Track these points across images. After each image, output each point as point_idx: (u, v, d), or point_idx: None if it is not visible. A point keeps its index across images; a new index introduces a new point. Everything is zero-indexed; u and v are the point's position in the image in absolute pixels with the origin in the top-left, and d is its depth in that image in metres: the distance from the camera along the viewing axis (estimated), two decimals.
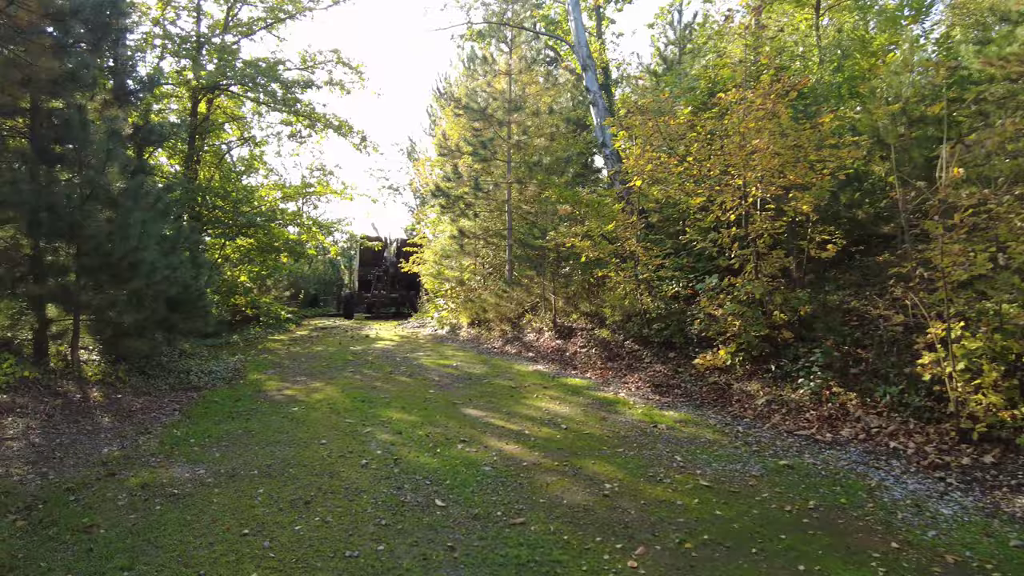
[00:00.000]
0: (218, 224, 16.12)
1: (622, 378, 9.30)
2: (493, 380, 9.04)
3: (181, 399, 7.27)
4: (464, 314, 14.84)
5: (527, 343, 12.46)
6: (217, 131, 17.03)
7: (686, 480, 5.05)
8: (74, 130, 6.75)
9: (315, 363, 10.39)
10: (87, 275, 6.94)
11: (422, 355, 11.55)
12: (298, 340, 14.18)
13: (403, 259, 20.15)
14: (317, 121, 17.54)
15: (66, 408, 5.80)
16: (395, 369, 9.76)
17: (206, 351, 10.76)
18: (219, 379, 8.63)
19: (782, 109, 8.17)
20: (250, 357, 11.08)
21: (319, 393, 7.85)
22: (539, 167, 13.60)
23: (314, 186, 18.65)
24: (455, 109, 14.48)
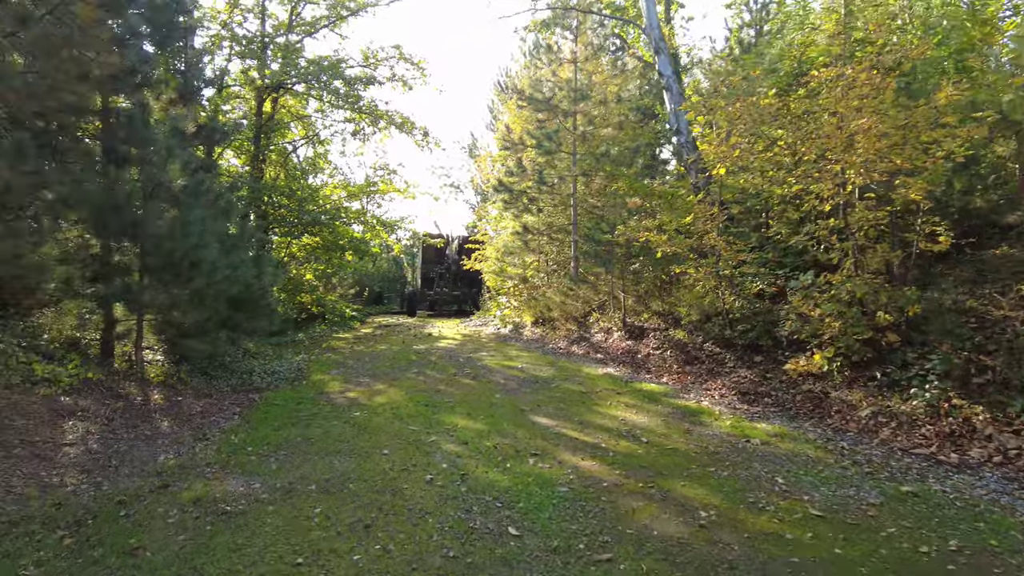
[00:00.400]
0: (283, 223, 16.27)
1: (703, 384, 8.55)
2: (561, 384, 8.48)
3: (242, 401, 7.09)
4: (527, 313, 14.34)
5: (595, 344, 11.83)
6: (282, 130, 17.20)
7: (793, 508, 4.35)
8: (137, 128, 6.65)
9: (378, 363, 10.13)
10: (150, 274, 6.85)
11: (485, 355, 11.12)
12: (362, 338, 14.07)
13: (465, 256, 19.87)
14: (380, 119, 17.45)
15: (127, 411, 5.66)
16: (459, 370, 9.35)
17: (270, 350, 10.71)
18: (282, 379, 8.47)
19: (890, 84, 7.21)
20: (314, 356, 10.97)
21: (382, 396, 7.52)
22: (606, 158, 12.91)
23: (377, 184, 18.62)
24: (518, 101, 13.99)
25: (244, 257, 8.09)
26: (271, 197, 15.80)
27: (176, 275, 7.03)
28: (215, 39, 15.80)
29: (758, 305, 9.56)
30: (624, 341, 11.47)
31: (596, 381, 8.79)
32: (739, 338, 9.24)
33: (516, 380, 8.71)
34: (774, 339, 8.85)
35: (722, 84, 8.07)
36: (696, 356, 9.80)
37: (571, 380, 8.79)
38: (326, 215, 16.24)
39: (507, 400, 7.45)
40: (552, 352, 11.67)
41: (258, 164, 16.22)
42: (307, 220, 15.92)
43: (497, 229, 19.37)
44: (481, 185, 29.68)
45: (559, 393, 7.91)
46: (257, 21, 16.35)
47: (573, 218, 13.62)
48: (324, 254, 17.97)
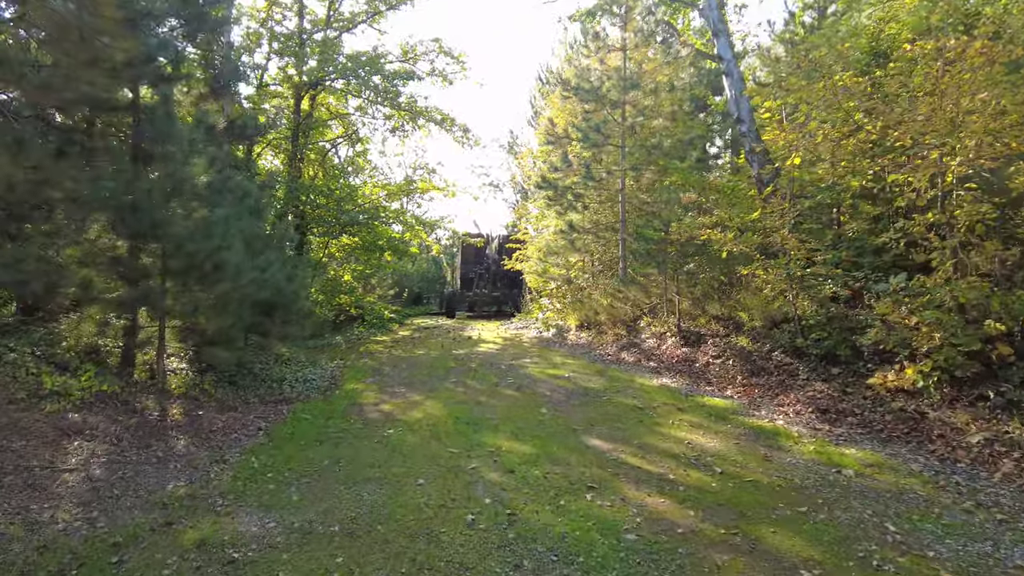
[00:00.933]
0: (322, 222, 15.92)
1: (773, 399, 7.64)
2: (614, 397, 7.69)
3: (269, 414, 6.57)
4: (572, 316, 13.56)
5: (646, 351, 10.97)
6: (320, 128, 16.88)
7: (918, 569, 3.50)
8: (158, 121, 6.19)
9: (416, 370, 9.54)
10: (172, 277, 6.39)
11: (528, 362, 10.41)
12: (400, 342, 13.55)
13: (505, 256, 19.21)
14: (419, 115, 16.95)
15: (140, 429, 5.17)
16: (501, 380, 8.67)
17: (304, 355, 10.26)
18: (314, 389, 7.95)
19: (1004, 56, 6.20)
20: (349, 362, 10.47)
21: (418, 410, 6.89)
22: (659, 150, 12.03)
23: (417, 183, 18.13)
24: (563, 92, 13.22)
25: (273, 259, 7.58)
26: (309, 197, 15.47)
27: (199, 278, 6.57)
28: (253, 36, 15.57)
29: (832, 310, 8.59)
30: (679, 348, 10.59)
31: (652, 394, 7.98)
32: (813, 347, 8.28)
33: (564, 392, 7.97)
34: (853, 349, 7.88)
35: (805, 60, 7.10)
36: (763, 366, 8.87)
37: (624, 393, 7.99)
38: (364, 215, 15.82)
39: (555, 417, 6.72)
40: (600, 359, 10.87)
41: (296, 163, 15.92)
42: (345, 220, 15.53)
43: (539, 228, 18.64)
44: (522, 183, 29.00)
45: (613, 409, 7.14)
46: (295, 18, 16.06)
47: (621, 215, 12.77)
48: (363, 254, 17.61)
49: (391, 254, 18.40)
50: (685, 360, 10.15)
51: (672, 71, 13.75)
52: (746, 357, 9.26)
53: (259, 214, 7.88)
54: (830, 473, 5.10)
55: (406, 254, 19.33)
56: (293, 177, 15.42)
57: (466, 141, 17.74)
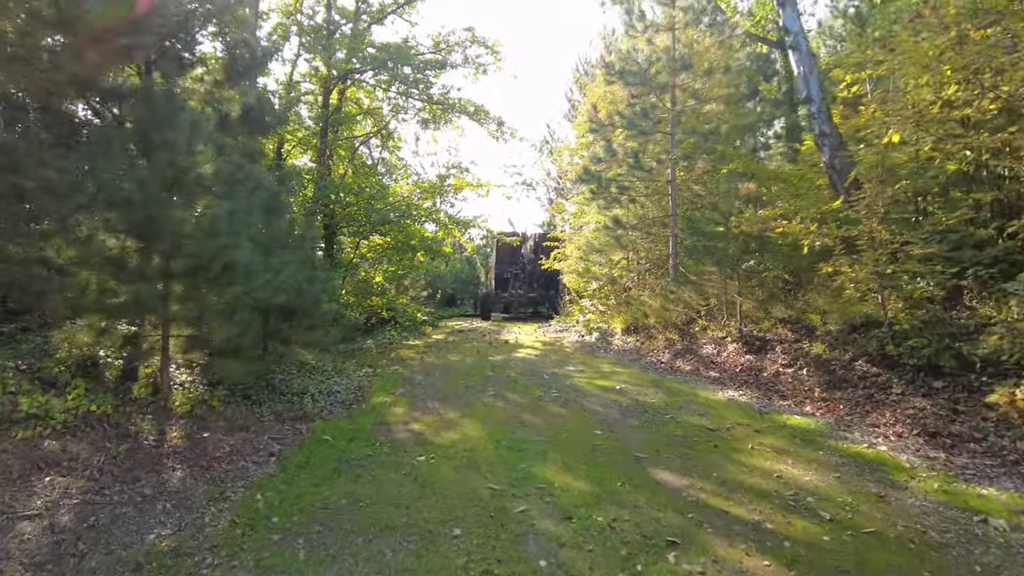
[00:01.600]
0: (352, 222, 15.24)
1: (864, 417, 6.52)
2: (678, 415, 6.68)
3: (285, 435, 5.77)
4: (618, 318, 12.53)
5: (704, 358, 9.89)
6: (350, 124, 16.21)
7: None
8: (158, 103, 5.46)
9: (450, 380, 8.68)
10: (176, 280, 5.65)
11: (573, 370, 9.44)
12: (433, 346, 12.74)
13: (542, 256, 18.26)
14: (452, 109, 16.14)
15: (129, 458, 4.41)
16: (545, 392, 7.73)
17: (331, 364, 9.50)
18: (337, 403, 7.15)
19: None
20: (379, 370, 9.67)
21: (453, 431, 6.00)
22: (716, 136, 10.91)
23: (451, 179, 17.30)
24: (606, 76, 12.20)
25: (292, 259, 6.81)
26: (338, 195, 14.80)
27: (206, 281, 5.82)
28: (281, 29, 15.00)
29: (929, 313, 7.42)
30: (742, 355, 9.48)
31: (721, 411, 6.93)
32: (907, 356, 7.13)
33: (618, 408, 6.98)
34: (958, 359, 6.72)
35: (929, 10, 5.89)
36: (844, 377, 7.73)
37: (688, 409, 6.97)
38: (396, 213, 15.07)
39: (612, 440, 5.75)
40: (652, 367, 9.83)
41: (325, 160, 15.29)
42: (376, 219, 14.80)
43: (578, 224, 17.65)
44: (557, 180, 28.00)
45: (679, 430, 6.12)
46: (323, 11, 15.43)
47: (671, 208, 11.69)
48: (395, 255, 16.90)
49: (424, 254, 17.67)
50: (750, 369, 9.05)
51: (725, 51, 12.59)
52: (823, 366, 8.13)
53: (277, 210, 7.11)
54: (973, 523, 4.01)
55: (439, 254, 18.58)
56: (322, 174, 14.79)
57: (501, 134, 16.85)
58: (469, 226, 17.58)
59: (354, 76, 15.52)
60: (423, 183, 17.27)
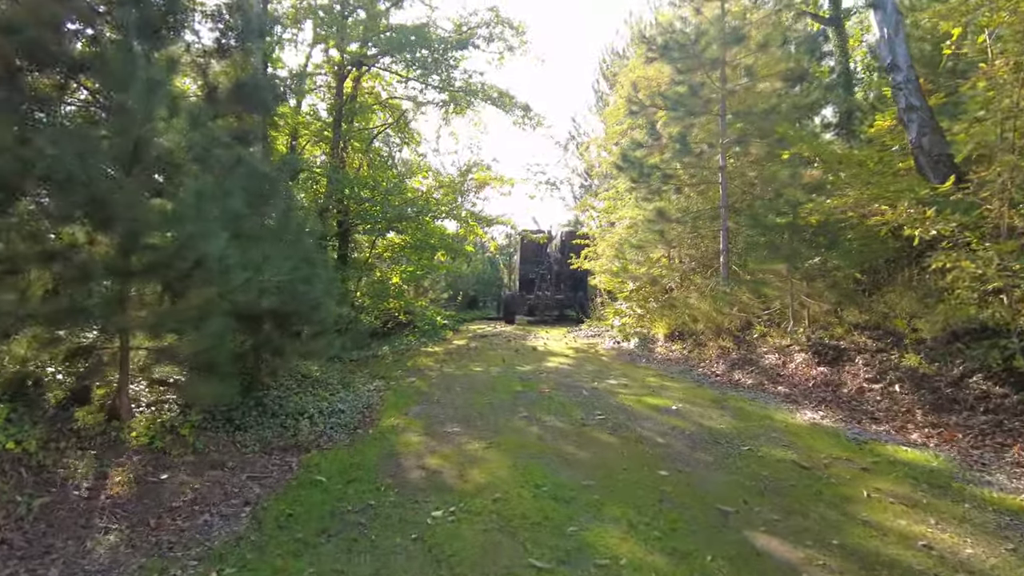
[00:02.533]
0: (367, 218, 14.13)
1: (1001, 452, 5.16)
2: (757, 446, 5.36)
3: (271, 472, 4.61)
4: (660, 323, 11.20)
5: (767, 369, 8.53)
6: (365, 114, 15.12)
7: None
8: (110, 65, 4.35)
9: (473, 396, 7.46)
10: (137, 279, 4.53)
11: (616, 385, 8.16)
12: (454, 353, 11.55)
13: (572, 254, 16.97)
14: (474, 95, 14.96)
15: (46, 515, 3.27)
16: (587, 414, 6.46)
17: (338, 375, 8.36)
18: (340, 427, 5.98)
19: None
20: (393, 382, 8.50)
21: (479, 468, 4.76)
22: (776, 115, 9.55)
23: (473, 174, 16.11)
24: (647, 52, 10.89)
25: (279, 254, 5.66)
26: (353, 189, 13.72)
27: (177, 280, 4.69)
28: (290, 14, 13.97)
29: None
30: (813, 367, 8.11)
31: (807, 439, 5.60)
32: None
33: (680, 436, 5.68)
34: None
35: None
36: (955, 398, 6.33)
37: (768, 437, 5.64)
38: (414, 209, 13.93)
39: (684, 484, 4.46)
40: (707, 381, 8.50)
41: (338, 152, 14.22)
42: (392, 215, 13.67)
43: (608, 221, 16.35)
44: (585, 176, 26.71)
45: (764, 468, 4.81)
46: None
47: (722, 199, 10.34)
48: (413, 254, 15.77)
49: (444, 253, 16.52)
50: (826, 384, 7.68)
51: (779, 25, 11.19)
52: (921, 383, 6.74)
53: (269, 198, 5.97)
54: None
55: (460, 253, 17.40)
56: (335, 168, 13.72)
57: (527, 122, 15.63)
58: (492, 223, 16.38)
59: (370, 63, 14.45)
60: (443, 178, 16.10)
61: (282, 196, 6.53)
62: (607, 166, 16.59)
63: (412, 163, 16.81)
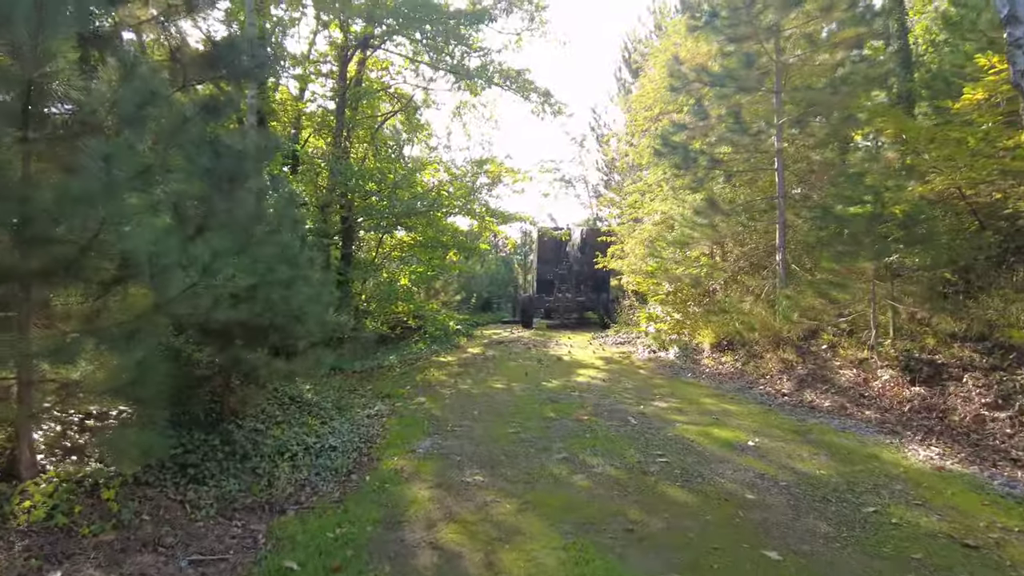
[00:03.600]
0: (372, 213, 12.84)
1: None
2: (882, 506, 3.97)
3: (222, 554, 3.30)
4: (705, 330, 9.80)
5: (845, 388, 7.13)
6: (370, 99, 13.83)
7: None
8: None
9: (496, 426, 6.14)
10: (37, 282, 3.25)
11: (665, 407, 6.80)
12: (469, 364, 10.23)
13: (599, 253, 15.59)
14: (489, 80, 13.63)
15: None
16: (643, 454, 5.09)
17: (333, 394, 7.06)
18: (328, 472, 4.68)
19: None
20: (399, 403, 7.19)
21: (514, 550, 3.41)
22: (847, 85, 8.13)
23: (488, 165, 14.74)
24: (690, 19, 9.49)
25: (256, 252, 4.37)
26: (357, 182, 12.45)
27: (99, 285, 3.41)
28: None
29: None
30: (905, 386, 6.69)
31: (942, 493, 4.20)
32: None
33: (773, 488, 4.30)
34: None
35: None
36: None
37: (886, 489, 4.26)
38: (424, 202, 12.62)
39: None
40: (773, 402, 7.11)
41: (341, 142, 12.94)
42: (400, 210, 12.37)
43: (635, 217, 14.96)
44: (606, 170, 25.27)
45: (911, 546, 3.42)
46: None
47: (779, 187, 8.94)
48: (423, 253, 14.45)
49: (457, 253, 15.20)
50: (927, 409, 6.27)
51: None
52: None
53: (237, 179, 4.66)
54: None
55: (474, 252, 16.05)
56: (337, 157, 12.44)
57: (547, 109, 14.27)
58: (509, 219, 14.99)
59: (376, 43, 13.17)
60: (455, 170, 14.72)
61: (258, 179, 5.24)
62: (635, 156, 15.21)
63: (422, 158, 15.44)
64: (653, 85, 13.87)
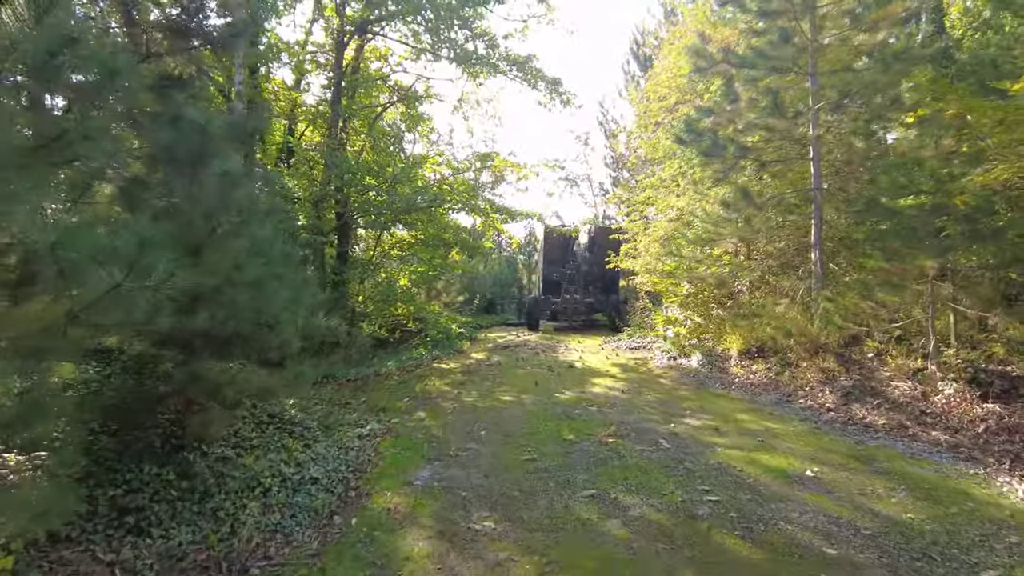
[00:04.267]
0: (370, 209, 12.01)
1: None
2: (1005, 568, 3.14)
3: None
4: (732, 335, 8.96)
5: (900, 403, 6.28)
6: (368, 88, 13.02)
7: None
8: None
9: (506, 451, 5.31)
10: None
11: (698, 425, 5.96)
12: (473, 373, 9.39)
13: (610, 252, 14.74)
14: (493, 68, 12.81)
15: None
16: (685, 490, 4.26)
17: (321, 408, 6.23)
18: (306, 513, 3.86)
19: None
20: (395, 419, 6.36)
21: None
22: (901, 61, 7.28)
23: (491, 159, 13.90)
24: None
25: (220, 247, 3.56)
26: (354, 175, 11.65)
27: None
28: None
29: None
30: (975, 403, 5.85)
31: None
32: None
33: (856, 540, 3.46)
34: None
35: None
36: None
37: (1000, 543, 3.42)
38: (425, 197, 11.79)
39: None
40: (818, 418, 6.27)
41: (337, 132, 12.11)
42: (399, 206, 11.53)
43: (644, 215, 14.14)
44: (613, 167, 24.42)
45: None
46: None
47: (814, 178, 8.10)
48: (424, 252, 13.60)
49: (459, 251, 14.35)
50: (1005, 429, 5.43)
51: None
52: None
53: (202, 157, 3.83)
54: None
55: (478, 251, 15.20)
56: (333, 149, 11.62)
57: (555, 98, 13.45)
58: (515, 216, 14.13)
59: (375, 27, 12.36)
60: (457, 164, 13.87)
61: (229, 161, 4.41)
62: (647, 149, 14.35)
63: (423, 154, 14.57)
64: (668, 74, 13.04)
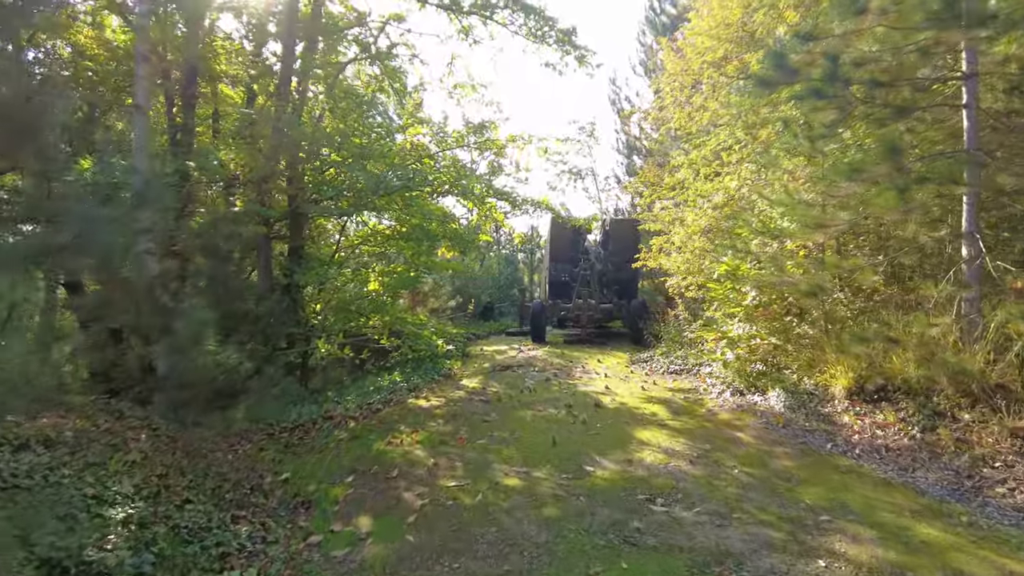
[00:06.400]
0: (332, 192, 9.20)
1: None
2: None
3: None
4: (837, 365, 6.19)
5: None
6: (331, 40, 10.21)
7: None
8: None
9: None
10: None
11: (854, 556, 3.21)
12: (460, 418, 6.61)
13: (641, 247, 11.95)
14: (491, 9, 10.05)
15: None
16: None
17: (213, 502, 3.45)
18: None
19: None
20: (311, 539, 3.60)
21: None
22: None
23: (489, 132, 11.03)
24: None
25: None
26: (311, 147, 8.88)
27: None
28: None
29: None
30: None
31: None
32: None
33: None
34: None
35: None
36: None
37: None
38: (400, 175, 9.00)
39: None
40: None
41: (287, 91, 9.26)
42: (368, 185, 8.70)
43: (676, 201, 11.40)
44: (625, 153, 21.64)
45: None
46: None
47: (968, 137, 5.35)
48: (405, 247, 10.73)
49: (450, 246, 11.44)
50: None
51: None
52: None
53: None
54: None
55: (472, 246, 12.32)
56: (282, 111, 8.77)
57: (567, 56, 10.65)
58: (518, 204, 11.23)
59: None
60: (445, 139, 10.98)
61: None
62: (679, 120, 11.50)
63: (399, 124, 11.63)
64: (713, 19, 10.22)
